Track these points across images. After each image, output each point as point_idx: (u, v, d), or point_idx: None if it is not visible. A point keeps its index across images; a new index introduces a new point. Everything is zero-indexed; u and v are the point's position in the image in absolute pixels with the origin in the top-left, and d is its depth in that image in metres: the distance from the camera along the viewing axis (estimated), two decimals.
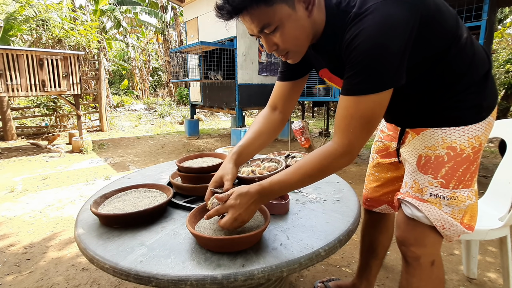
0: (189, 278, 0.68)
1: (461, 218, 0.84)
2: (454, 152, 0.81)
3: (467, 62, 0.78)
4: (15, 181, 3.32)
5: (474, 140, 0.80)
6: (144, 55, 17.38)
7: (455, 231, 0.84)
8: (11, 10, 6.94)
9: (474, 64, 0.79)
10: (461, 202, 0.82)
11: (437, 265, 0.91)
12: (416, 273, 0.92)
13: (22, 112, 6.90)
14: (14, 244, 1.96)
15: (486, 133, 0.82)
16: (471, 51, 0.78)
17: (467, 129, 0.80)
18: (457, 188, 0.82)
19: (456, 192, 0.82)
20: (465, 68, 0.78)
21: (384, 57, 0.64)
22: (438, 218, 0.84)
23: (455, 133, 0.81)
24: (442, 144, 0.83)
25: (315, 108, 9.43)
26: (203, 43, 4.60)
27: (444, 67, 0.78)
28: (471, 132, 0.80)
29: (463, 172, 0.81)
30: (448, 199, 0.83)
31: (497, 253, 1.82)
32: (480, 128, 0.80)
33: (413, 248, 0.90)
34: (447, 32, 0.74)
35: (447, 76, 0.79)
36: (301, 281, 1.55)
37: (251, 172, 1.37)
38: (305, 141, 3.43)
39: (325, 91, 3.77)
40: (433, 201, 0.85)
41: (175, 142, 5.87)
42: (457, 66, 0.78)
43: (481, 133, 0.81)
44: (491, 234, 1.15)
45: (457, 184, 0.82)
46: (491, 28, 2.60)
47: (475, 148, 0.81)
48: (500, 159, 1.25)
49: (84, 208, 1.09)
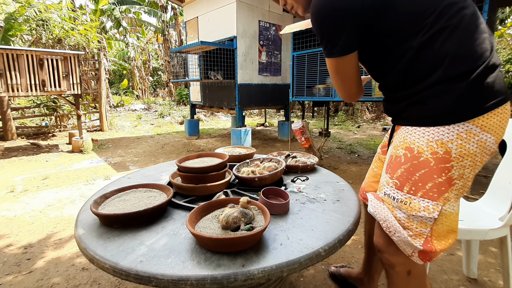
0: (189, 278, 0.68)
1: (421, 233, 0.77)
2: (411, 154, 0.77)
3: (433, 60, 0.73)
4: (15, 181, 3.32)
5: (435, 145, 0.73)
6: (144, 55, 17.37)
7: (401, 239, 0.79)
8: (11, 10, 6.94)
9: (446, 62, 0.71)
10: (414, 211, 0.76)
11: (415, 275, 0.85)
12: (394, 281, 0.89)
13: (22, 112, 6.89)
14: (14, 244, 1.96)
15: (461, 142, 0.71)
16: (445, 49, 0.71)
17: (428, 130, 0.75)
18: (414, 194, 0.76)
19: (412, 198, 0.76)
20: (430, 65, 0.73)
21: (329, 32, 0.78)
22: (384, 218, 0.82)
23: (416, 133, 0.77)
24: (403, 144, 0.81)
25: (315, 108, 9.43)
26: (203, 43, 4.60)
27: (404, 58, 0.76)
28: (431, 135, 0.74)
29: (421, 178, 0.75)
30: (398, 201, 0.79)
31: (497, 253, 1.82)
32: (448, 134, 0.72)
33: (386, 255, 0.87)
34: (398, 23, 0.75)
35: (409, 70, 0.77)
36: (301, 281, 1.55)
37: (251, 172, 1.37)
38: (305, 141, 3.43)
39: (325, 91, 3.77)
40: (387, 201, 0.83)
41: (175, 142, 5.87)
42: (421, 62, 0.74)
43: (448, 139, 0.72)
44: (491, 234, 1.15)
45: (413, 190, 0.76)
46: (491, 28, 2.60)
47: (437, 155, 0.73)
48: (500, 159, 1.25)
49: (84, 208, 1.09)
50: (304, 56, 3.89)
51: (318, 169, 1.60)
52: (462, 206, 1.41)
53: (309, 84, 3.92)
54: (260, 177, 1.28)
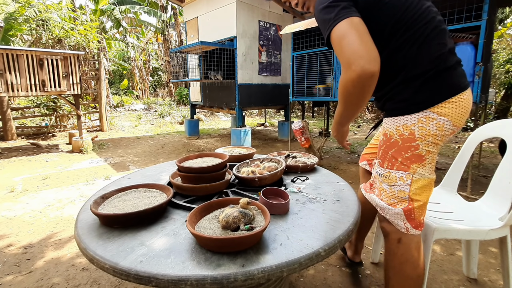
0: (189, 278, 0.68)
1: (403, 199, 0.95)
2: (386, 138, 0.99)
3: (401, 63, 0.91)
4: (15, 181, 3.32)
5: (402, 128, 0.94)
6: (144, 55, 17.38)
7: (391, 214, 0.98)
8: (11, 10, 6.94)
9: (410, 64, 0.90)
10: (393, 181, 0.96)
11: (404, 243, 0.99)
12: (388, 247, 1.05)
13: (22, 112, 6.89)
14: (14, 244, 1.96)
15: (421, 125, 0.91)
16: (411, 53, 0.89)
17: (397, 119, 0.95)
18: (391, 168, 0.97)
19: (390, 172, 0.97)
20: (399, 67, 0.91)
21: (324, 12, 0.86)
22: (376, 204, 1.04)
23: (389, 122, 0.98)
24: (382, 132, 1.03)
25: (315, 108, 9.43)
26: (203, 43, 4.60)
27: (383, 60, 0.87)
28: (399, 121, 0.95)
29: (393, 155, 0.96)
30: (382, 176, 1.00)
31: (497, 253, 1.82)
32: (411, 119, 0.92)
33: (383, 223, 1.05)
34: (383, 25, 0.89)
35: (386, 69, 0.91)
36: (301, 281, 1.55)
37: (251, 172, 1.37)
38: (305, 141, 3.43)
39: (325, 91, 3.76)
40: (377, 178, 1.04)
41: (175, 142, 5.87)
42: (393, 63, 0.92)
43: (411, 123, 0.92)
44: (491, 234, 1.15)
45: (390, 165, 0.97)
46: (491, 28, 2.60)
47: (403, 136, 0.93)
48: (500, 159, 1.25)
49: (84, 208, 1.09)
50: (304, 56, 3.89)
51: (318, 169, 1.60)
52: (462, 206, 1.41)
53: (309, 84, 3.92)
54: (260, 177, 1.28)
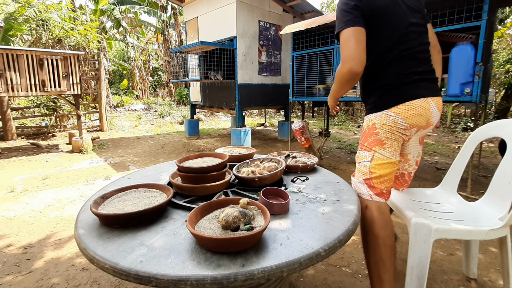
0: (189, 278, 0.68)
1: (365, 172, 1.26)
2: (362, 130, 1.33)
3: (377, 71, 1.24)
4: (15, 181, 3.32)
5: (369, 122, 1.28)
6: (144, 55, 17.37)
7: (359, 188, 1.28)
8: (11, 10, 6.94)
9: (381, 75, 1.23)
10: (360, 159, 1.30)
11: (369, 208, 1.22)
12: (360, 215, 1.20)
13: (22, 112, 6.89)
14: (14, 244, 1.96)
15: (381, 119, 1.22)
16: (376, 70, 1.24)
17: (368, 116, 1.30)
18: (360, 150, 1.31)
19: (360, 152, 1.31)
20: (375, 74, 1.25)
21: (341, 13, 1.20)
22: (353, 185, 1.33)
23: (365, 118, 1.33)
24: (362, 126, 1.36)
25: (315, 108, 9.43)
26: (203, 43, 4.60)
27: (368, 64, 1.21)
28: (368, 117, 1.29)
29: (363, 140, 1.30)
30: (357, 156, 1.34)
31: (497, 253, 1.82)
32: (375, 115, 1.25)
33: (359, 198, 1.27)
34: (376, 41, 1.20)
35: (368, 73, 1.27)
36: (301, 281, 1.55)
37: (251, 172, 1.37)
38: (305, 141, 3.43)
39: (325, 91, 3.76)
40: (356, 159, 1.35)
41: (175, 142, 5.87)
42: (372, 69, 1.25)
43: (374, 118, 1.25)
44: (491, 234, 1.14)
45: (360, 148, 1.31)
46: (491, 28, 2.60)
47: (369, 126, 1.27)
48: (500, 159, 1.25)
49: (84, 208, 1.09)
50: (304, 56, 3.89)
51: (318, 169, 1.60)
52: (462, 206, 1.41)
53: (309, 84, 3.92)
54: (260, 177, 1.28)
